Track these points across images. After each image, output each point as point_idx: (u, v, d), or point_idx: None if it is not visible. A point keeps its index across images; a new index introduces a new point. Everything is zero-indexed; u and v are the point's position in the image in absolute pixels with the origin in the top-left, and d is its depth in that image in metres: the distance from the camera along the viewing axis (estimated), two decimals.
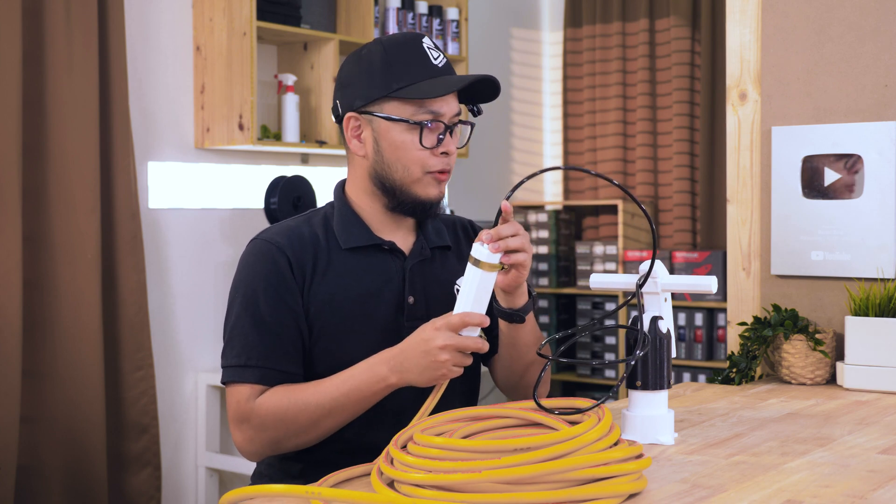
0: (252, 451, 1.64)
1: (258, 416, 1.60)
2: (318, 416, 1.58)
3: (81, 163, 3.13)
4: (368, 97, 1.66)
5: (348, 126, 1.70)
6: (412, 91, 1.63)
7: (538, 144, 5.28)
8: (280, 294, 1.64)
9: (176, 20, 3.57)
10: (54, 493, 3.09)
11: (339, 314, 1.65)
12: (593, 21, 4.99)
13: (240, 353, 1.63)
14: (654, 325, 1.55)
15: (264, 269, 1.65)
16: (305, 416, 1.58)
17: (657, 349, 1.55)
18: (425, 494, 1.20)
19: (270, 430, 1.60)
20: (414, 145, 1.65)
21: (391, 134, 1.65)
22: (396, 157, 1.66)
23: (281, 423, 1.59)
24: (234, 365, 1.63)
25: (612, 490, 1.22)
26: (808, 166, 2.23)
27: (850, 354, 2.08)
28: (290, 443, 1.62)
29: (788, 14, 2.28)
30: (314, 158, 4.03)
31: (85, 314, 3.13)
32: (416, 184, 1.67)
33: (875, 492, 1.30)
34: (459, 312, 1.50)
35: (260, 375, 1.62)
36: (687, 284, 1.62)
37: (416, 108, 1.64)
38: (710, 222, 4.67)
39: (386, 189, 1.69)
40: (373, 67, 1.66)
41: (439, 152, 1.66)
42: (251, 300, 1.64)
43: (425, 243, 1.75)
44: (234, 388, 1.63)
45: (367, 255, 1.70)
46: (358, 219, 1.72)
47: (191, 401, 3.63)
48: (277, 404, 1.59)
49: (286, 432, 1.60)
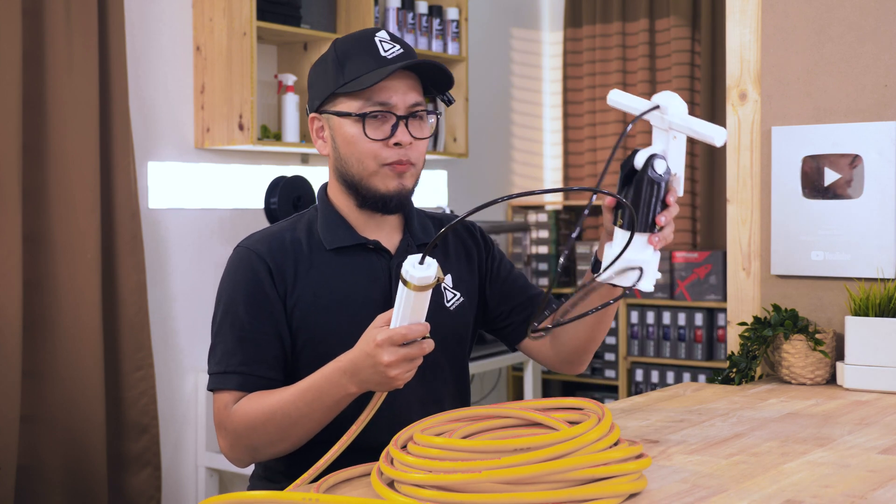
0: (234, 458, 1.66)
1: (233, 424, 1.61)
2: (285, 425, 1.58)
3: (81, 163, 3.13)
4: (322, 96, 1.70)
5: (312, 127, 1.74)
6: (354, 84, 1.64)
7: (538, 144, 5.28)
8: (259, 302, 1.65)
9: (176, 20, 3.57)
10: (54, 493, 3.09)
11: (325, 314, 1.66)
12: (593, 21, 4.99)
13: (220, 360, 1.65)
14: (649, 162, 1.43)
15: (244, 278, 1.67)
16: (273, 426, 1.58)
17: (642, 188, 1.44)
18: (425, 494, 1.20)
19: (244, 438, 1.61)
20: (363, 138, 1.65)
21: (343, 129, 1.67)
22: (350, 152, 1.67)
23: (253, 432, 1.60)
24: (216, 372, 1.65)
25: (612, 490, 1.22)
26: (808, 166, 2.23)
27: (850, 354, 2.08)
28: (266, 451, 1.62)
29: (788, 14, 2.28)
30: (314, 158, 4.03)
31: (85, 314, 3.13)
32: (373, 177, 1.67)
33: (875, 492, 1.30)
34: (400, 327, 1.43)
35: (239, 382, 1.63)
36: (693, 128, 1.44)
37: (363, 101, 1.65)
38: (710, 222, 4.67)
39: (350, 186, 1.70)
40: (327, 66, 1.69)
41: (392, 143, 1.65)
42: (230, 309, 1.66)
43: (412, 241, 1.75)
44: (217, 395, 1.65)
45: (352, 255, 1.70)
46: (342, 219, 1.72)
47: (191, 401, 3.63)
48: (248, 412, 1.60)
49: (259, 441, 1.60)
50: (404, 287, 1.39)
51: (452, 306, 1.76)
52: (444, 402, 1.76)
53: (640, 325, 4.64)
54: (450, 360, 1.77)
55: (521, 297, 1.85)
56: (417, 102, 1.67)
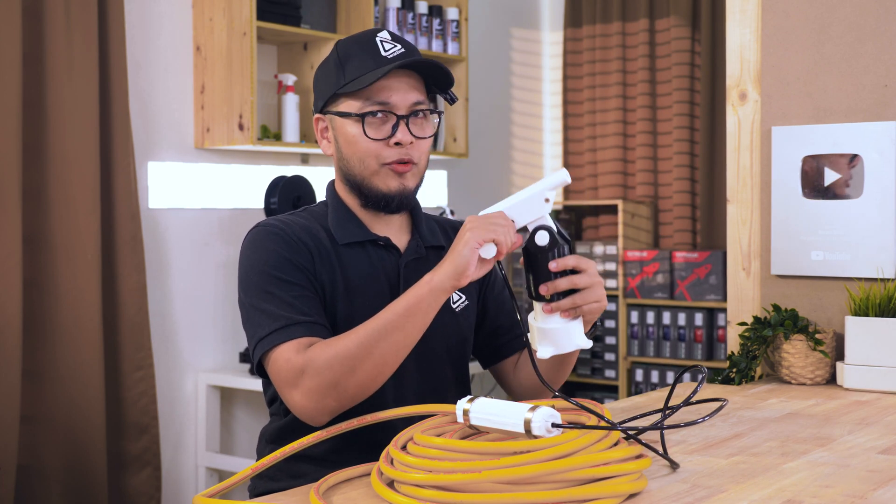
0: (313, 407, 1.54)
1: (311, 364, 1.52)
2: (371, 340, 1.52)
3: (81, 163, 3.13)
4: (325, 96, 1.70)
5: (317, 127, 1.75)
6: (353, 84, 1.65)
7: (538, 144, 5.28)
8: (295, 262, 1.63)
9: (176, 20, 3.57)
10: (54, 493, 3.09)
11: (333, 307, 1.66)
12: (593, 21, 4.99)
13: (276, 317, 1.58)
14: (533, 233, 1.52)
15: (274, 244, 1.64)
16: (358, 344, 1.52)
17: (535, 263, 1.51)
18: (425, 494, 1.20)
19: (326, 371, 1.52)
20: (363, 138, 1.65)
21: (345, 129, 1.68)
22: (352, 152, 1.68)
23: (335, 360, 1.52)
24: (275, 329, 1.57)
25: (612, 490, 1.22)
26: (808, 166, 2.23)
27: (850, 354, 2.08)
28: (350, 381, 1.52)
29: (788, 14, 2.28)
30: (314, 158, 4.03)
31: (85, 314, 3.13)
32: (374, 176, 1.67)
33: (875, 492, 1.30)
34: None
35: (306, 329, 1.57)
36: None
37: (363, 102, 1.65)
38: (710, 222, 4.67)
39: (353, 186, 1.70)
40: (329, 68, 1.70)
41: (392, 143, 1.66)
42: (270, 273, 1.61)
43: (420, 242, 1.76)
44: (278, 350, 1.56)
45: (363, 250, 1.71)
46: (352, 215, 1.73)
47: (191, 401, 3.63)
48: (328, 344, 1.54)
49: (341, 368, 1.52)
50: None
51: (458, 308, 1.77)
52: (446, 403, 1.76)
53: (640, 325, 4.64)
54: (453, 361, 1.78)
55: (506, 320, 1.87)
56: (419, 101, 1.67)
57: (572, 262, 1.52)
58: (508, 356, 1.86)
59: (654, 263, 4.57)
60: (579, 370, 4.81)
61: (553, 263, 1.51)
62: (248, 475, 1.43)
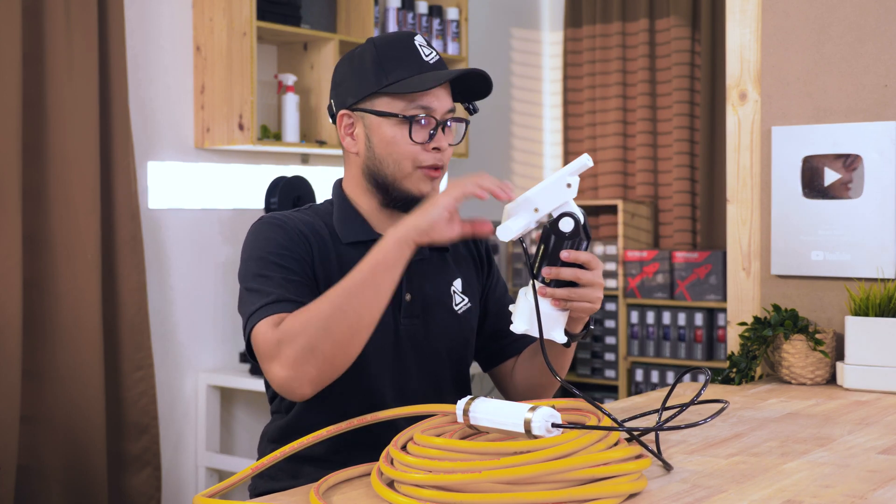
0: (293, 377, 1.50)
1: (286, 332, 1.50)
2: (342, 299, 1.50)
3: (81, 163, 3.13)
4: (360, 94, 1.67)
5: (342, 123, 1.71)
6: (402, 86, 1.64)
7: (538, 144, 5.28)
8: (294, 252, 1.63)
9: (176, 20, 3.57)
10: (54, 493, 3.09)
11: None
12: (593, 21, 4.99)
13: (266, 294, 1.58)
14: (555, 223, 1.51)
15: (275, 234, 1.64)
16: (329, 305, 1.50)
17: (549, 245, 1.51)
18: (425, 494, 1.20)
19: (300, 336, 1.49)
20: (405, 140, 1.65)
21: (382, 129, 1.66)
22: (388, 153, 1.66)
23: (308, 323, 1.50)
24: (261, 306, 1.56)
25: (612, 490, 1.22)
26: (808, 166, 2.23)
27: (850, 354, 2.08)
28: (326, 343, 1.49)
29: (788, 14, 2.28)
30: (314, 158, 4.03)
31: (85, 314, 3.13)
32: (407, 179, 1.67)
33: (875, 492, 1.30)
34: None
35: (282, 306, 1.56)
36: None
37: (406, 104, 1.65)
38: (710, 222, 4.67)
39: (379, 185, 1.69)
40: (364, 65, 1.68)
41: (431, 147, 1.66)
42: (267, 259, 1.61)
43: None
44: (259, 326, 1.55)
45: (366, 249, 1.70)
46: (357, 214, 1.72)
47: (191, 401, 3.63)
48: (301, 311, 1.52)
49: (315, 331, 1.49)
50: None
51: (460, 310, 1.77)
52: (446, 403, 1.76)
53: (640, 325, 4.64)
54: (454, 362, 1.78)
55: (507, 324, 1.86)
56: (452, 109, 1.69)
57: (584, 257, 1.51)
58: (507, 359, 1.86)
59: (654, 263, 4.57)
60: (579, 370, 4.81)
61: (566, 253, 1.50)
62: (248, 475, 1.43)
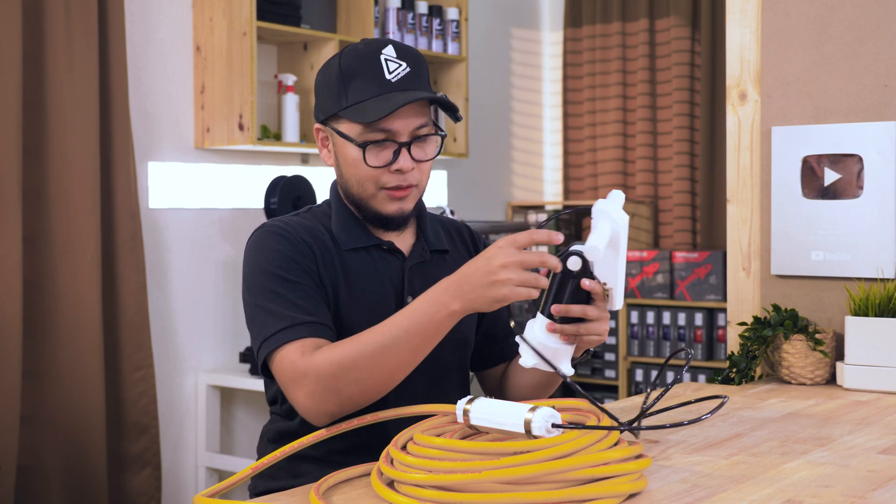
0: (317, 409, 1.52)
1: (316, 367, 1.51)
2: (377, 353, 1.49)
3: (81, 163, 3.13)
4: (326, 112, 1.67)
5: (318, 136, 1.72)
6: (356, 112, 1.61)
7: (538, 144, 5.28)
8: (301, 264, 1.62)
9: (176, 20, 3.57)
10: (54, 493, 3.09)
11: (336, 311, 1.65)
12: (593, 21, 5.00)
13: (282, 317, 1.57)
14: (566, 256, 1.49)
15: (279, 245, 1.63)
16: (364, 356, 1.49)
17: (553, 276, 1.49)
18: (425, 494, 1.20)
19: (329, 377, 1.50)
20: (363, 164, 1.63)
21: (345, 150, 1.65)
22: (351, 174, 1.66)
23: (339, 368, 1.50)
24: (280, 329, 1.56)
25: (612, 490, 1.22)
26: (808, 166, 2.23)
27: (850, 354, 2.08)
28: (353, 389, 1.50)
29: (788, 14, 2.28)
30: (314, 158, 4.03)
31: (85, 314, 3.13)
32: (372, 199, 1.66)
33: (875, 492, 1.30)
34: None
35: (311, 330, 1.55)
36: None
37: (363, 128, 1.62)
38: (710, 222, 4.67)
39: (352, 202, 1.70)
40: (331, 81, 1.66)
41: (393, 169, 1.64)
42: (275, 273, 1.60)
43: (426, 245, 1.75)
44: (283, 350, 1.55)
45: (367, 254, 1.70)
46: (356, 218, 1.72)
47: (191, 401, 3.63)
48: (334, 350, 1.52)
49: (346, 377, 1.50)
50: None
51: None
52: (447, 403, 1.76)
53: (640, 325, 4.64)
54: (454, 362, 1.78)
55: (501, 329, 1.87)
56: (422, 125, 1.64)
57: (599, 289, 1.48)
58: (498, 364, 1.87)
59: (654, 263, 4.57)
60: (579, 370, 4.81)
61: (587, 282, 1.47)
62: (248, 475, 1.43)
